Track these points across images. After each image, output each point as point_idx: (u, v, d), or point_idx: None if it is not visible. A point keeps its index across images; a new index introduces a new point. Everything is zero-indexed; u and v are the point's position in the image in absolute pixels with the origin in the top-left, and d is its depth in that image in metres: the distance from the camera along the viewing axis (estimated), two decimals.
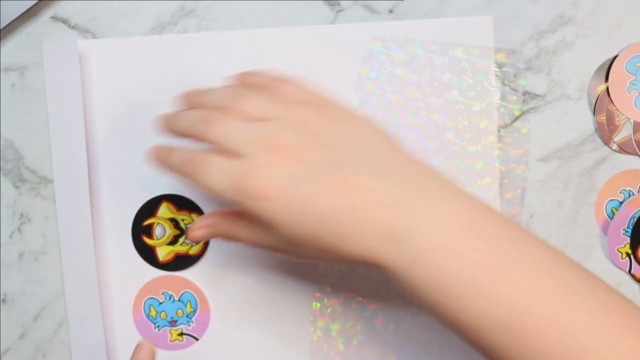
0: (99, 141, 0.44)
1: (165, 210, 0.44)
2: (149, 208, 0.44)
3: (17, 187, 0.44)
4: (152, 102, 0.44)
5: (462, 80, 0.43)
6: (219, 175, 0.33)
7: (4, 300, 0.45)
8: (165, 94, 0.44)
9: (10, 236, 0.45)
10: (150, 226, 0.44)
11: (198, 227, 0.36)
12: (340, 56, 0.43)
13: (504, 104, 0.43)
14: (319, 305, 0.44)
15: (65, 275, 0.44)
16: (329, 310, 0.44)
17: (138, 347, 0.40)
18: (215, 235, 0.36)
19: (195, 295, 0.44)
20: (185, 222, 0.44)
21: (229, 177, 0.32)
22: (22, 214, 0.45)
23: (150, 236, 0.44)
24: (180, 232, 0.44)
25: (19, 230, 0.45)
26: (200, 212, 0.44)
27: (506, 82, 0.43)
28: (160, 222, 0.44)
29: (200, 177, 0.33)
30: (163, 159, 0.36)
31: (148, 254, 0.44)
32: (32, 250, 0.45)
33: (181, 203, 0.44)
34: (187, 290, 0.44)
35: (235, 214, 0.36)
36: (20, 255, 0.45)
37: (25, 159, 0.44)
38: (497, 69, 0.43)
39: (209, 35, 0.43)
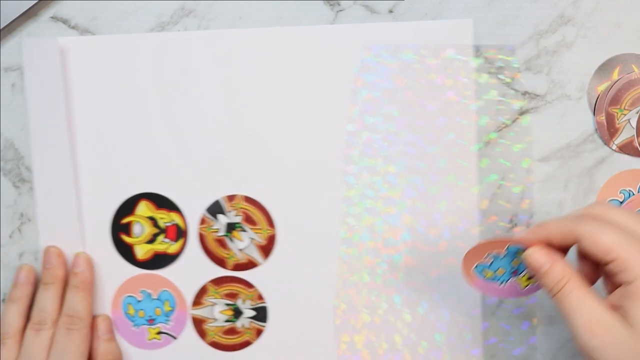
0: (78, 139, 0.44)
1: (144, 209, 0.44)
2: (128, 206, 0.44)
3: (17, 187, 0.44)
4: (132, 99, 0.43)
5: (457, 80, 0.43)
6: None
7: (4, 300, 0.45)
8: (145, 91, 0.43)
9: (10, 236, 0.45)
10: (129, 224, 0.44)
11: (542, 253, 0.34)
12: (336, 56, 0.43)
13: (501, 99, 0.43)
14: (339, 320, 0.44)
15: None
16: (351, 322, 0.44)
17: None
18: (544, 275, 0.34)
19: (173, 294, 0.44)
20: (164, 220, 0.44)
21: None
22: (22, 214, 0.45)
23: (128, 234, 0.44)
24: (159, 230, 0.44)
25: (19, 230, 0.45)
26: (178, 211, 0.44)
27: (502, 79, 0.43)
28: (139, 220, 0.44)
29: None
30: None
31: (126, 252, 0.44)
32: (32, 250, 0.45)
33: (160, 202, 0.44)
34: (165, 289, 0.44)
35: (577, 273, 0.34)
36: (20, 255, 0.45)
37: (25, 159, 0.44)
38: (489, 66, 0.43)
39: (191, 35, 0.43)
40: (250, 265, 0.44)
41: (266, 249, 0.44)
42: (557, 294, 0.33)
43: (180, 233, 0.44)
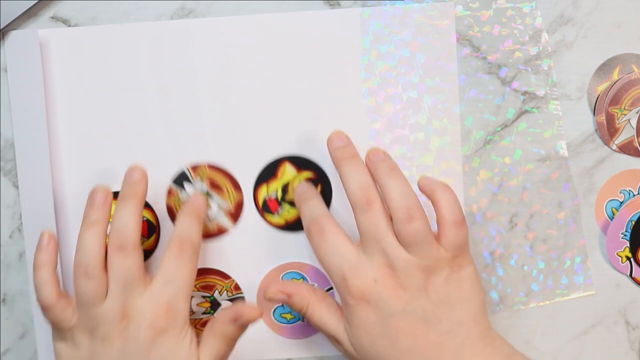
0: (60, 132, 0.44)
1: (114, 208, 0.44)
2: None
3: (17, 187, 0.44)
4: (108, 95, 0.44)
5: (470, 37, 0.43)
6: (333, 251, 0.37)
7: (4, 300, 0.45)
8: (123, 86, 0.43)
9: (10, 236, 0.45)
10: None
11: (278, 290, 0.40)
12: (333, 40, 0.43)
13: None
14: None
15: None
16: None
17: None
18: (290, 303, 0.39)
19: None
20: None
21: (340, 260, 0.37)
22: (22, 214, 0.44)
23: None
24: None
25: (19, 230, 0.45)
26: (150, 208, 0.44)
27: (515, 26, 0.43)
28: (110, 220, 0.44)
29: (317, 244, 0.38)
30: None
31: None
32: (32, 250, 0.45)
33: None
34: None
35: (320, 294, 0.40)
36: (20, 255, 0.45)
37: None
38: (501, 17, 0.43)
39: (161, 25, 0.43)
40: (219, 232, 0.44)
41: (234, 215, 0.44)
42: (305, 316, 0.39)
43: (152, 228, 0.44)
